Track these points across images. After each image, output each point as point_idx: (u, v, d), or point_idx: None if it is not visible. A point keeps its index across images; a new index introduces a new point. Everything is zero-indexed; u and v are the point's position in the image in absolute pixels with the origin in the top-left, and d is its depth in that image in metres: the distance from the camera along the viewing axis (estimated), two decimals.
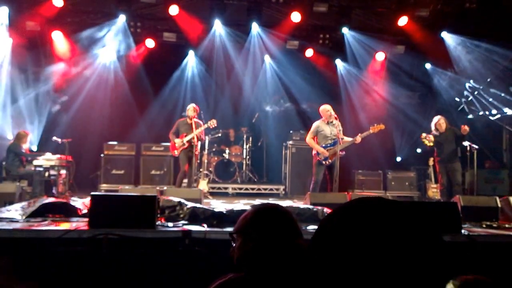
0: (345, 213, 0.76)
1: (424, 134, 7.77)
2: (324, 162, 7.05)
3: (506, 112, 9.78)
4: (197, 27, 9.95)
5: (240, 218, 1.66)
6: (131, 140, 10.05)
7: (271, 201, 8.10)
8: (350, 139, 7.14)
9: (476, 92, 10.19)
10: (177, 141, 7.96)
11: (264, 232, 1.56)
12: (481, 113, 10.22)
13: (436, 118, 7.83)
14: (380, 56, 10.85)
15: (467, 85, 10.31)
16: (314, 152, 7.19)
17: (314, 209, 4.85)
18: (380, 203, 0.76)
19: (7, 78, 9.29)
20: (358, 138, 7.07)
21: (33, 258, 3.71)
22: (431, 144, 7.70)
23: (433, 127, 7.83)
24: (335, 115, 7.11)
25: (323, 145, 7.07)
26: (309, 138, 7.24)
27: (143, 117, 10.69)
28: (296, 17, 9.49)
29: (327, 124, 7.15)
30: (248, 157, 10.62)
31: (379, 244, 0.69)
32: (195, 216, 4.50)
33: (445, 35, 10.06)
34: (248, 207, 5.19)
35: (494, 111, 10.01)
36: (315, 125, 7.26)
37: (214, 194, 9.10)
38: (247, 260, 1.57)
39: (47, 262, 3.70)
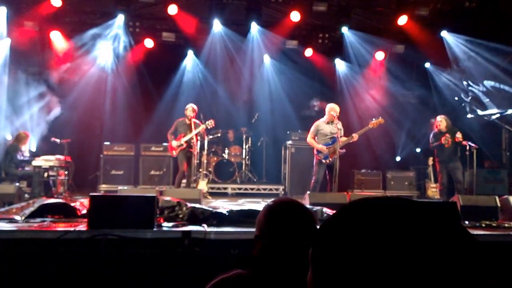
0: (350, 213, 0.66)
1: (443, 138, 7.71)
2: (324, 161, 7.05)
3: (505, 112, 9.78)
4: (196, 27, 9.94)
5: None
6: (130, 140, 10.04)
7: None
8: (346, 138, 7.13)
9: (475, 92, 10.19)
10: (174, 142, 7.96)
11: (274, 232, 1.54)
12: (480, 112, 10.22)
13: (438, 118, 7.85)
14: (379, 55, 10.85)
15: (466, 84, 10.31)
16: (315, 151, 7.19)
17: (313, 209, 4.84)
18: (390, 203, 0.66)
19: (6, 78, 9.27)
20: (355, 136, 7.06)
21: (32, 259, 3.70)
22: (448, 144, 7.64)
23: (434, 126, 7.86)
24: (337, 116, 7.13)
25: (323, 144, 7.08)
26: (309, 138, 7.23)
27: (142, 117, 10.67)
28: (295, 16, 9.49)
29: (327, 124, 7.16)
30: (247, 157, 10.62)
31: (393, 247, 0.58)
32: (195, 216, 4.50)
33: (444, 34, 10.06)
34: (248, 207, 5.19)
35: (493, 111, 10.01)
36: (315, 124, 7.26)
37: (213, 195, 9.09)
38: (252, 258, 1.56)
39: (46, 263, 3.69)
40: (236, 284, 1.49)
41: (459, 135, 7.55)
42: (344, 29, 10.13)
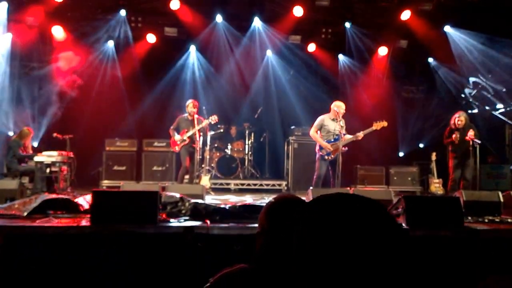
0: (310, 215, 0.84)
1: (454, 135, 7.67)
2: (326, 158, 7.03)
3: (508, 107, 9.74)
4: (198, 22, 9.90)
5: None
6: (132, 136, 10.03)
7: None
8: (351, 136, 7.11)
9: (479, 87, 10.14)
10: (177, 137, 7.98)
11: (275, 228, 1.54)
12: (484, 108, 10.17)
13: (457, 114, 7.77)
14: (382, 50, 10.80)
15: (470, 79, 10.26)
16: (317, 147, 7.18)
17: None
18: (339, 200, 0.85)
19: (7, 73, 9.26)
20: (360, 135, 7.04)
21: (35, 254, 3.70)
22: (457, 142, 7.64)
23: (452, 122, 7.78)
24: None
25: (326, 140, 7.06)
26: (313, 132, 7.21)
27: (145, 113, 10.66)
28: (298, 11, 9.43)
29: (332, 120, 7.13)
30: (250, 152, 10.60)
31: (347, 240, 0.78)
32: (197, 211, 4.50)
33: (448, 29, 10.00)
34: (250, 202, 5.18)
35: (497, 106, 9.96)
36: (320, 118, 7.23)
37: (216, 190, 9.09)
38: (254, 255, 1.56)
39: (49, 258, 3.69)
40: (239, 279, 1.48)
41: (471, 133, 7.50)
42: (347, 24, 10.08)
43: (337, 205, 0.84)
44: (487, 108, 10.12)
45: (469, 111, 10.15)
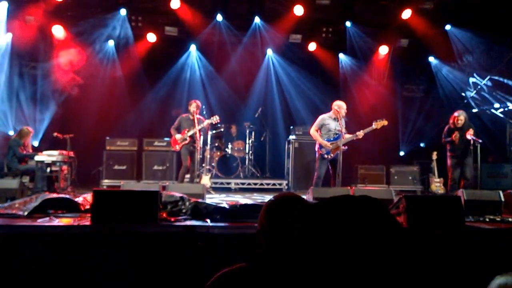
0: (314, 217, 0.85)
1: (454, 135, 7.66)
2: (326, 156, 7.02)
3: (510, 106, 9.72)
4: (199, 21, 9.89)
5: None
6: (133, 135, 10.03)
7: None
8: (351, 135, 7.09)
9: (480, 86, 10.13)
10: (178, 136, 7.98)
11: (274, 227, 1.53)
12: (485, 107, 10.16)
13: (456, 113, 7.75)
14: (383, 49, 10.78)
15: (471, 79, 10.24)
16: (317, 146, 7.16)
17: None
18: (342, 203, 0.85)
19: (7, 73, 9.26)
20: (360, 134, 7.02)
21: (35, 254, 3.70)
22: (457, 141, 7.62)
23: (451, 121, 7.75)
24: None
25: (326, 139, 7.05)
26: (313, 130, 7.20)
27: (145, 112, 10.65)
28: (298, 10, 9.43)
29: (333, 120, 7.12)
30: (250, 152, 10.60)
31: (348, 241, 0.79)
32: (198, 211, 4.49)
33: (449, 28, 9.98)
34: (250, 202, 5.18)
35: (498, 105, 9.95)
36: (320, 118, 7.21)
37: (216, 189, 9.08)
38: (254, 253, 1.55)
39: (49, 258, 3.69)
40: (239, 277, 1.48)
41: (470, 132, 7.49)
42: (348, 23, 10.07)
43: (338, 205, 0.84)
44: (487, 107, 10.11)
45: (470, 110, 10.15)
